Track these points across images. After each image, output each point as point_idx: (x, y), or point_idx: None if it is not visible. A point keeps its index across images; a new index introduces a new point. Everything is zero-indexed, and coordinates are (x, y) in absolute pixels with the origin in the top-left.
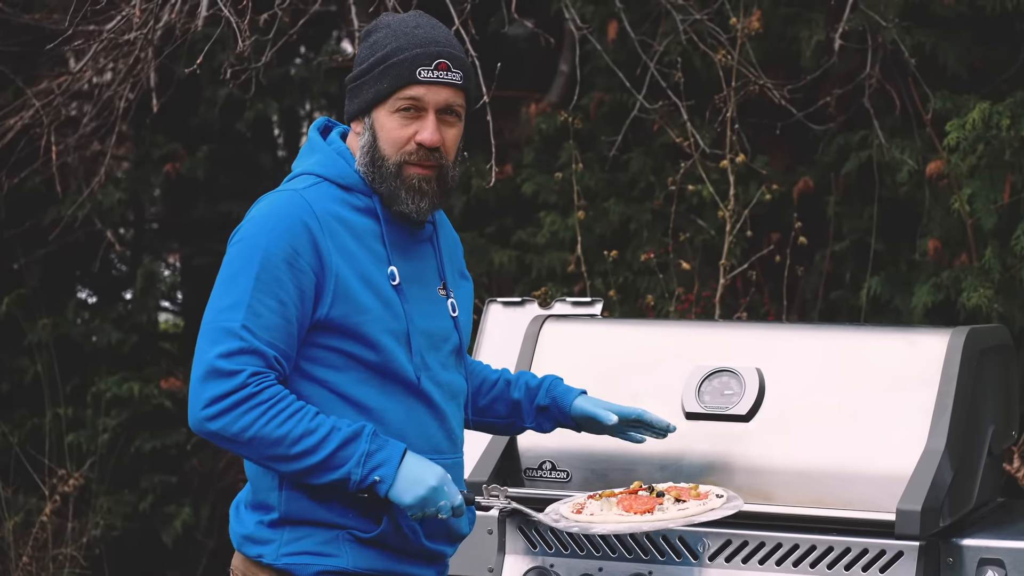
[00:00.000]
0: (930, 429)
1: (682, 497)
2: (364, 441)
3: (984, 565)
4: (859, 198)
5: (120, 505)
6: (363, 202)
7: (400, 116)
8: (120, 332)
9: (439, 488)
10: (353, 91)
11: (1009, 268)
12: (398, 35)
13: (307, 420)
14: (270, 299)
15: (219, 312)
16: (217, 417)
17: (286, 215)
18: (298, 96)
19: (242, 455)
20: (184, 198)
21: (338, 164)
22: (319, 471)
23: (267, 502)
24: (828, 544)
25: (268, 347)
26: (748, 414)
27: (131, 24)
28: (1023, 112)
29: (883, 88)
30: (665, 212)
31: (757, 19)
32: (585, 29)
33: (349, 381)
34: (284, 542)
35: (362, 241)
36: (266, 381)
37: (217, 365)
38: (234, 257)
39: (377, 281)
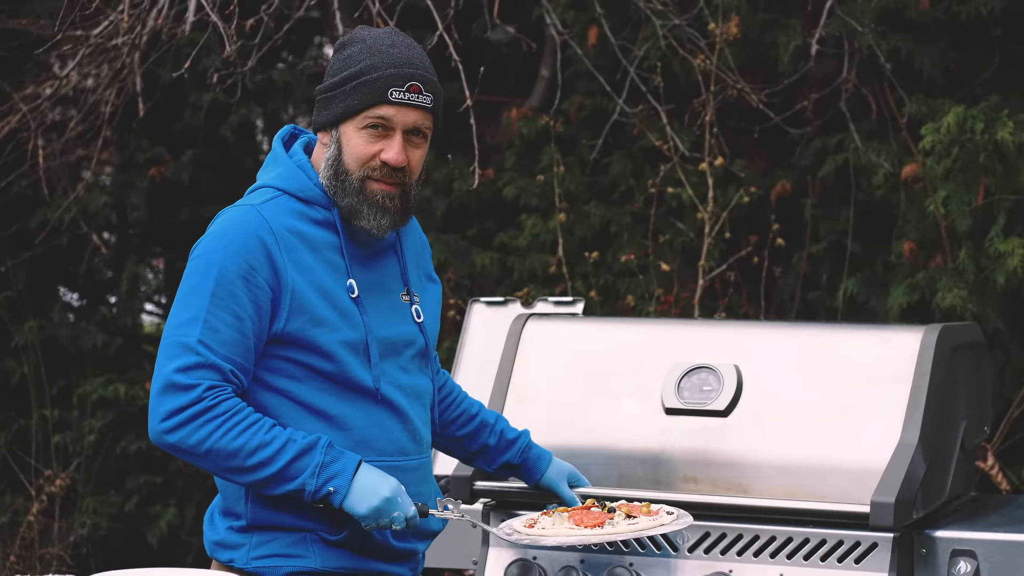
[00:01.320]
0: (904, 424)
1: (632, 513)
2: (319, 452)
3: (956, 556)
4: (836, 201)
5: (106, 505)
6: (322, 215)
7: (367, 133)
8: (105, 335)
9: (392, 499)
10: (323, 102)
11: (983, 269)
12: (372, 52)
13: (262, 432)
14: (226, 314)
15: (177, 327)
16: (174, 430)
17: (242, 231)
18: (281, 101)
19: (200, 467)
20: (168, 202)
21: (298, 177)
22: (275, 482)
23: (235, 510)
24: (804, 536)
25: (224, 361)
26: (726, 409)
27: (118, 29)
28: (997, 116)
29: (859, 92)
30: (644, 215)
31: (735, 25)
32: (566, 35)
33: (309, 391)
34: (253, 546)
35: (320, 254)
36: (222, 394)
37: (174, 379)
38: (192, 272)
39: (335, 293)
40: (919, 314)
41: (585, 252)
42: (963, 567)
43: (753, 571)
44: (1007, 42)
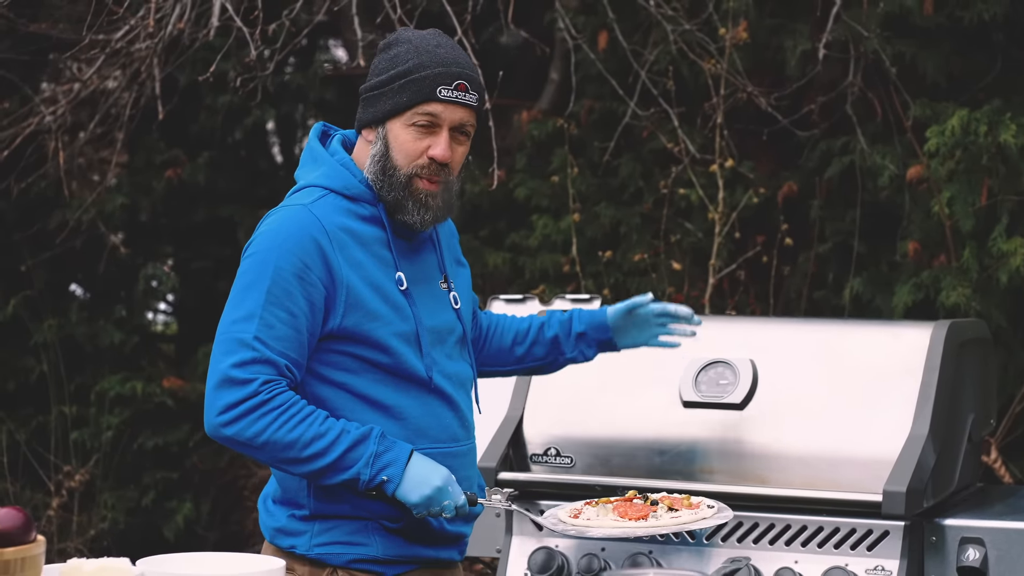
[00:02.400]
0: (914, 416)
1: (675, 506)
2: (372, 443)
3: (965, 543)
4: (842, 202)
5: (123, 500)
6: (368, 211)
7: (415, 129)
8: (122, 333)
9: (444, 488)
10: (369, 100)
11: (986, 268)
12: (420, 51)
13: (317, 424)
14: (281, 311)
15: (232, 323)
16: (231, 423)
17: (296, 230)
18: (294, 103)
19: (257, 459)
20: (184, 203)
21: (343, 176)
22: (330, 472)
23: (297, 500)
24: (818, 524)
25: (279, 356)
26: (743, 402)
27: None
28: (1000, 119)
29: (865, 96)
30: (654, 216)
31: (744, 29)
32: (580, 39)
33: (365, 382)
34: (315, 533)
35: (369, 249)
36: (278, 388)
37: (231, 374)
38: (246, 271)
39: (385, 287)
40: (924, 313)
41: (595, 252)
42: (971, 554)
43: (770, 558)
44: (1009, 47)
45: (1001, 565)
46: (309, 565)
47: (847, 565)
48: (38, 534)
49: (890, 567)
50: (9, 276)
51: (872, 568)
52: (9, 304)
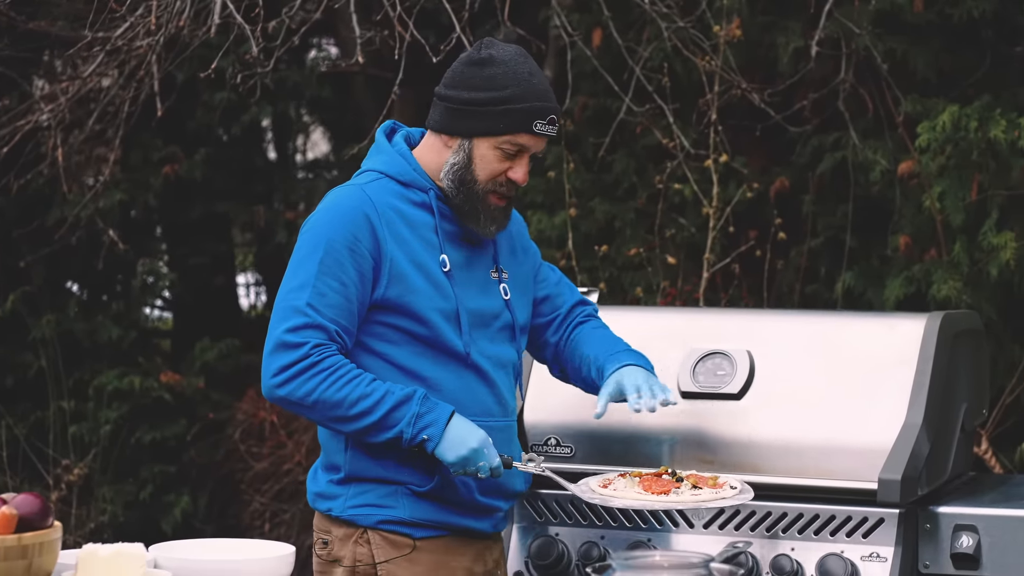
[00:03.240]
0: (908, 405)
1: (699, 484)
2: (415, 403)
3: (959, 531)
4: (834, 197)
5: (121, 494)
6: (419, 197)
7: (501, 152)
8: (119, 329)
9: (479, 450)
10: (458, 112)
11: (976, 262)
12: (518, 79)
13: (364, 385)
14: (333, 281)
15: (287, 292)
16: (284, 384)
17: (349, 207)
18: (289, 101)
19: (308, 418)
20: (181, 199)
21: (398, 163)
22: (375, 430)
23: (335, 463)
24: (814, 512)
25: (330, 322)
26: (740, 392)
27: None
28: (990, 115)
29: (856, 92)
30: (648, 211)
31: (737, 27)
32: (575, 36)
33: (405, 354)
34: (349, 496)
35: (416, 231)
36: (328, 351)
37: (284, 339)
38: (302, 244)
39: (428, 266)
40: (915, 306)
41: (593, 247)
42: (965, 541)
43: (767, 545)
44: (998, 43)
45: (994, 551)
46: (344, 526)
47: (843, 552)
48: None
49: (885, 554)
50: (8, 272)
51: (867, 555)
52: (8, 300)
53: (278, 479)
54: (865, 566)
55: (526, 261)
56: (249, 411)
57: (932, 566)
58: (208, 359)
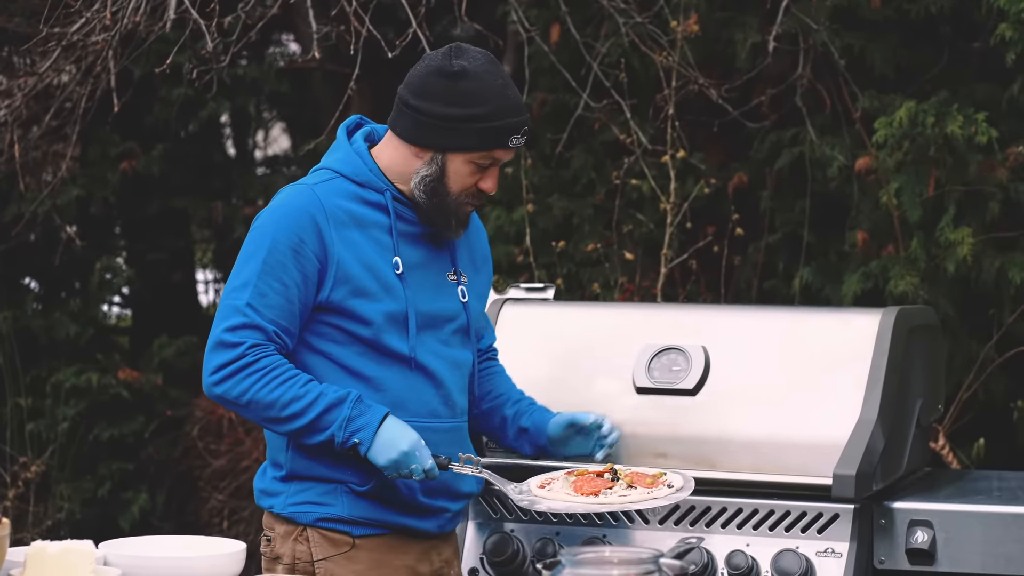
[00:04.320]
0: (863, 401)
1: (635, 484)
2: (347, 407)
3: (914, 526)
4: (791, 192)
5: (79, 492)
6: (374, 197)
7: (475, 166)
8: (77, 325)
9: (410, 452)
10: (429, 126)
11: (933, 258)
12: (491, 93)
13: (297, 387)
14: (274, 281)
15: (230, 291)
16: (220, 383)
17: (296, 207)
18: (248, 97)
19: (245, 417)
20: (138, 195)
21: (355, 163)
22: (308, 432)
23: (278, 460)
24: (769, 507)
25: (269, 323)
26: (695, 388)
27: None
28: (947, 111)
29: (814, 88)
30: (606, 207)
31: (695, 22)
32: (532, 31)
33: (349, 354)
34: (291, 494)
35: (368, 232)
36: (264, 352)
37: (222, 338)
38: (249, 242)
39: (379, 268)
40: (872, 302)
41: (550, 242)
42: (920, 536)
43: (722, 541)
44: (956, 39)
45: (949, 547)
46: (285, 523)
47: (798, 547)
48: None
49: (840, 549)
50: None
51: (822, 550)
52: None
53: (236, 476)
54: (820, 562)
55: (484, 271)
56: (207, 408)
57: (887, 561)
58: (166, 356)
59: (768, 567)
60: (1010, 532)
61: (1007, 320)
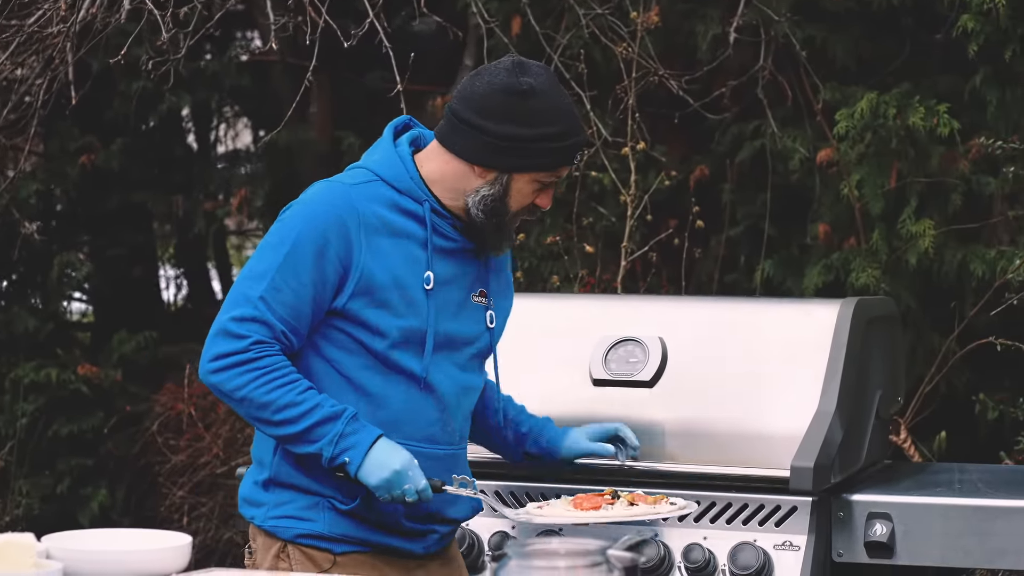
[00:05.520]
0: (822, 392)
1: (636, 502)
2: (341, 423)
3: (872, 518)
4: (753, 185)
5: (38, 487)
6: (412, 207)
7: (539, 184)
8: (36, 320)
9: (403, 472)
10: (496, 147)
11: (895, 250)
12: (563, 114)
13: (295, 392)
14: (292, 278)
15: (245, 279)
16: (218, 372)
17: (328, 206)
18: (210, 90)
19: (236, 411)
20: (98, 190)
21: (396, 166)
22: (296, 441)
23: (263, 459)
24: (727, 500)
25: (279, 321)
26: (652, 380)
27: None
28: (909, 102)
29: (775, 80)
30: (567, 199)
31: (656, 14)
32: (493, 23)
33: (355, 365)
34: (271, 506)
35: (401, 243)
36: (268, 350)
37: (228, 327)
38: (274, 232)
39: (407, 282)
40: (834, 294)
41: None
42: (879, 528)
43: (679, 534)
44: (917, 31)
45: (908, 540)
46: (264, 536)
47: (756, 540)
48: None
49: (798, 542)
50: None
51: (780, 543)
52: None
53: (195, 471)
54: (778, 555)
55: (508, 297)
56: (167, 404)
57: (846, 554)
58: (126, 351)
59: (726, 560)
60: (969, 525)
61: (969, 313)
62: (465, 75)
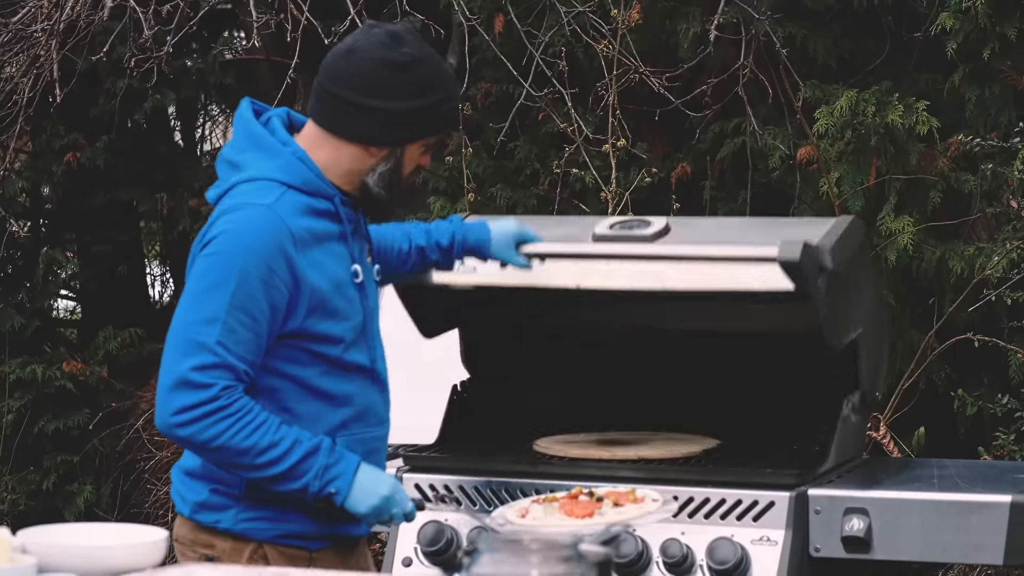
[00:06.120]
0: None
1: (620, 501)
2: (323, 455)
3: (849, 513)
4: (734, 183)
5: (24, 484)
6: (324, 205)
7: (426, 148)
8: (23, 317)
9: (391, 497)
10: (389, 123)
11: (874, 247)
12: (443, 77)
13: (272, 433)
14: (244, 316)
15: (192, 324)
16: (187, 424)
17: (262, 233)
18: (194, 88)
19: (207, 459)
20: (83, 187)
21: (300, 171)
22: (280, 480)
23: (223, 476)
24: (704, 495)
25: (239, 361)
26: None
27: (36, 16)
28: (888, 100)
29: (756, 78)
30: (550, 197)
31: (637, 12)
32: (475, 21)
33: (315, 375)
34: (242, 508)
35: (326, 246)
36: (236, 394)
37: (190, 377)
38: (209, 270)
39: (343, 283)
40: None
41: None
42: (856, 523)
43: (656, 529)
44: (897, 29)
45: (885, 534)
46: (232, 540)
47: (733, 535)
48: None
49: (775, 537)
50: None
51: (758, 538)
52: None
53: None
54: (755, 550)
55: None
56: (152, 400)
57: (823, 549)
58: (112, 348)
59: (703, 555)
60: (946, 520)
61: (947, 309)
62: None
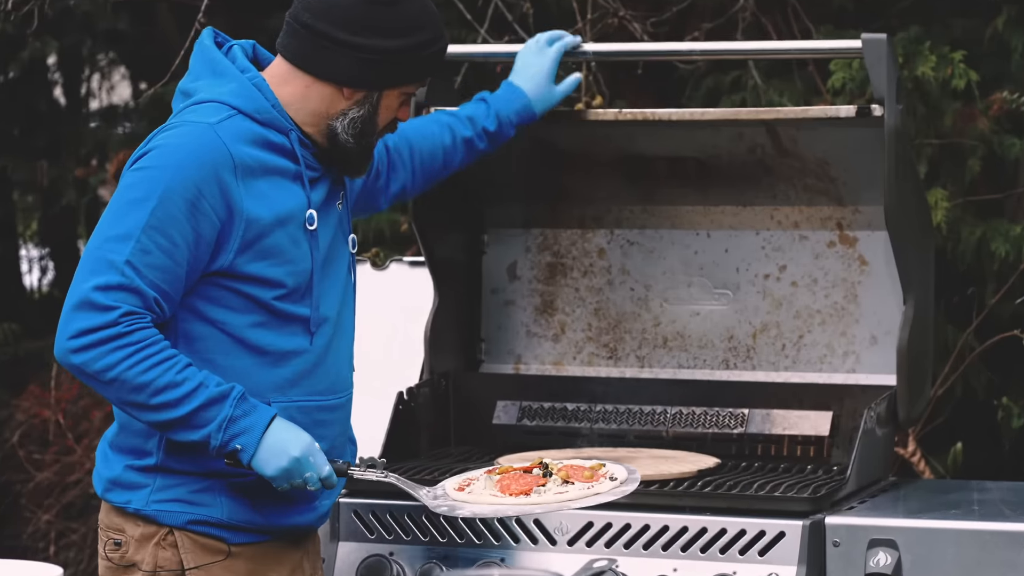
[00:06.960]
0: None
1: (571, 479)
2: (229, 405)
3: (874, 546)
4: None
5: None
6: (279, 139)
7: (404, 97)
8: None
9: (303, 459)
10: (369, 63)
11: None
12: (429, 15)
13: (174, 372)
14: (162, 238)
15: (105, 241)
16: (82, 351)
17: (196, 151)
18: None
19: (103, 395)
20: None
21: (255, 97)
22: (178, 427)
23: (142, 447)
24: (701, 525)
25: (150, 287)
26: None
27: None
28: (918, 49)
29: (759, 22)
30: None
31: None
32: None
33: (245, 324)
34: (156, 488)
35: (276, 182)
36: (140, 322)
37: (91, 297)
38: (132, 185)
39: (290, 224)
40: None
41: None
42: (882, 558)
43: (643, 565)
44: None
45: (916, 570)
46: (143, 524)
47: (735, 573)
48: None
49: (786, 574)
50: None
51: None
52: None
53: (64, 492)
54: None
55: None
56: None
57: None
58: None
59: None
60: (989, 553)
61: (989, 301)
62: None
